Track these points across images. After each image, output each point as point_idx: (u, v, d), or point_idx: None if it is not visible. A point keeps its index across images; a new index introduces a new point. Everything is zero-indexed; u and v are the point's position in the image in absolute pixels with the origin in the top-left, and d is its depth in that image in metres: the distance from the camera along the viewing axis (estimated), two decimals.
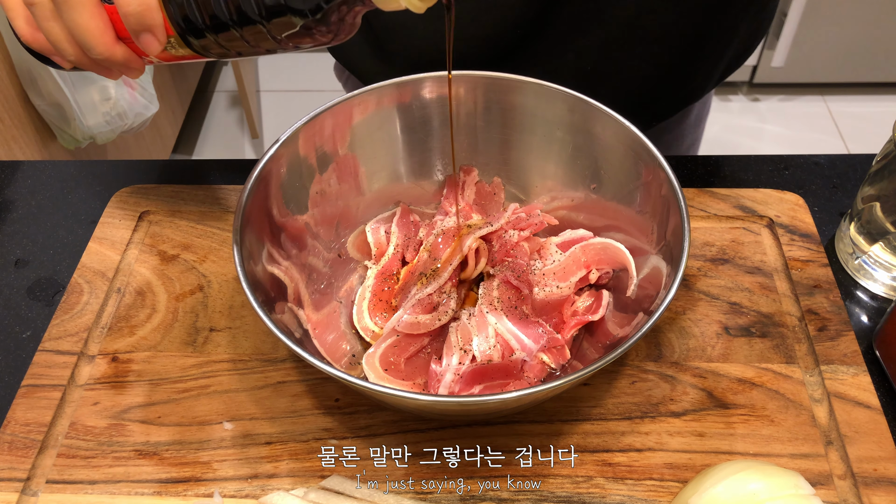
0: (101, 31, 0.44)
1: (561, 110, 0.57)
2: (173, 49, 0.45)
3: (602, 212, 0.57)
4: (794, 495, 0.41)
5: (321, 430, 0.51)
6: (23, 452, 0.50)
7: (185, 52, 0.45)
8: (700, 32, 0.66)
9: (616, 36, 0.64)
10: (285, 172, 0.54)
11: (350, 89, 0.84)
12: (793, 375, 0.54)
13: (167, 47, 0.44)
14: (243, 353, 0.56)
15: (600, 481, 0.49)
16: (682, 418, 0.51)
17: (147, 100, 1.35)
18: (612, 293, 0.55)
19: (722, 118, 2.05)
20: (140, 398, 0.53)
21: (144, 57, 0.47)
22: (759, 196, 0.65)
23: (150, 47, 0.43)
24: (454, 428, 0.51)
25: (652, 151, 0.52)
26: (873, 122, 2.02)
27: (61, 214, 0.68)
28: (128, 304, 0.59)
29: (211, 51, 0.44)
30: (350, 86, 0.84)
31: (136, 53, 0.46)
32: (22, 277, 0.62)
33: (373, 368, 0.51)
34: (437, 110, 0.59)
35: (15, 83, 1.20)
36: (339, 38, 0.43)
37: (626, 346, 0.42)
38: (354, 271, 0.60)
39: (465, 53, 0.66)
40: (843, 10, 1.88)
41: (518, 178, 0.62)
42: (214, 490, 0.48)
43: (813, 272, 0.60)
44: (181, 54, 0.45)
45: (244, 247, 0.48)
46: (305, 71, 2.27)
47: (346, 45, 0.74)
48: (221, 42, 0.43)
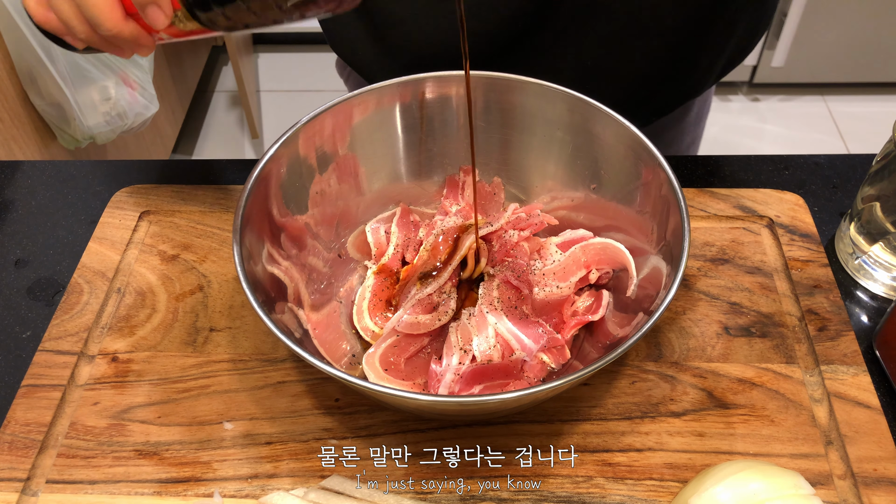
0: (109, 7, 0.45)
1: (561, 110, 0.57)
2: (181, 23, 0.45)
3: (602, 212, 0.57)
4: (794, 495, 0.41)
5: (321, 430, 0.51)
6: (23, 452, 0.50)
7: (193, 26, 0.45)
8: (701, 26, 0.66)
9: (617, 30, 0.64)
10: (285, 172, 0.54)
11: (352, 85, 0.85)
12: (793, 375, 0.54)
13: (174, 21, 0.45)
14: (243, 353, 0.56)
15: (600, 481, 0.49)
16: (682, 418, 0.51)
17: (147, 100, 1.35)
18: (612, 293, 0.55)
19: (722, 118, 2.05)
20: (140, 398, 0.53)
21: (154, 34, 0.48)
22: (759, 196, 0.65)
23: (157, 21, 0.44)
24: (454, 428, 0.51)
25: (652, 151, 0.52)
26: (873, 122, 2.02)
27: (61, 214, 0.68)
28: (128, 304, 0.59)
29: (218, 23, 0.44)
30: (352, 81, 0.84)
31: (146, 30, 0.47)
32: (22, 277, 0.63)
33: (373, 368, 0.51)
34: (437, 110, 0.59)
35: (15, 83, 1.20)
36: (343, 6, 0.43)
37: (626, 346, 0.42)
38: (354, 271, 0.60)
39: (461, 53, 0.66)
40: (843, 10, 1.88)
41: (518, 178, 0.62)
42: (214, 490, 0.48)
43: (813, 272, 0.60)
44: (189, 28, 0.46)
45: (244, 247, 0.48)
46: (305, 71, 2.27)
47: (347, 38, 0.74)
48: (227, 14, 0.43)
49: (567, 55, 0.66)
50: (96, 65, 1.24)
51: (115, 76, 1.27)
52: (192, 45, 1.99)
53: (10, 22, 1.11)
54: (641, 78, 0.69)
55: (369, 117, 0.58)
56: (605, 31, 0.64)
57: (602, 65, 0.67)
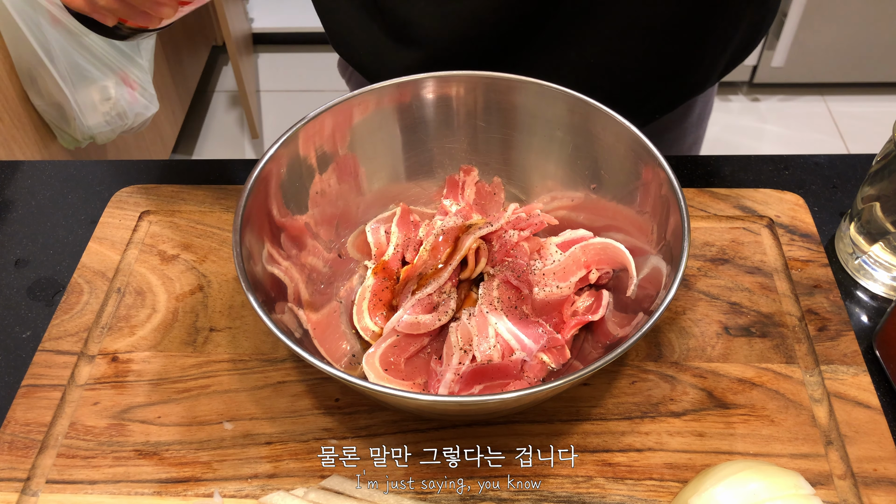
0: None
1: (561, 110, 0.57)
2: None
3: (602, 212, 0.57)
4: (794, 495, 0.41)
5: (321, 430, 0.51)
6: (23, 452, 0.50)
7: None
8: (702, 24, 0.66)
9: (618, 27, 0.64)
10: (285, 172, 0.54)
11: (353, 86, 0.84)
12: (793, 375, 0.54)
13: None
14: (243, 353, 0.56)
15: (600, 481, 0.48)
16: (682, 418, 0.51)
17: (147, 100, 1.35)
18: (612, 293, 0.55)
19: (722, 118, 2.05)
20: (140, 398, 0.53)
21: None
22: (759, 196, 0.65)
23: None
24: (454, 428, 0.51)
25: (652, 151, 0.51)
26: (873, 122, 2.02)
27: (61, 214, 0.68)
28: (128, 304, 0.59)
29: None
30: (354, 82, 0.84)
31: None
32: (22, 277, 0.62)
33: (373, 368, 0.51)
34: (438, 110, 0.59)
35: (15, 83, 1.20)
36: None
37: (626, 346, 0.42)
38: (354, 271, 0.60)
39: (467, 50, 0.66)
40: (843, 10, 1.88)
41: (518, 178, 0.62)
42: (214, 490, 0.48)
43: (813, 272, 0.60)
44: None
45: (244, 247, 0.48)
46: (305, 71, 2.27)
47: (349, 39, 0.74)
48: None
49: (568, 54, 0.66)
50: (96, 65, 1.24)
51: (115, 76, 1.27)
52: (192, 45, 1.99)
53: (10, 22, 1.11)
54: (644, 75, 0.69)
55: (369, 117, 0.58)
56: (606, 29, 0.64)
57: (604, 62, 0.67)
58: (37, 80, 1.19)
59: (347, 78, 0.86)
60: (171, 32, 1.78)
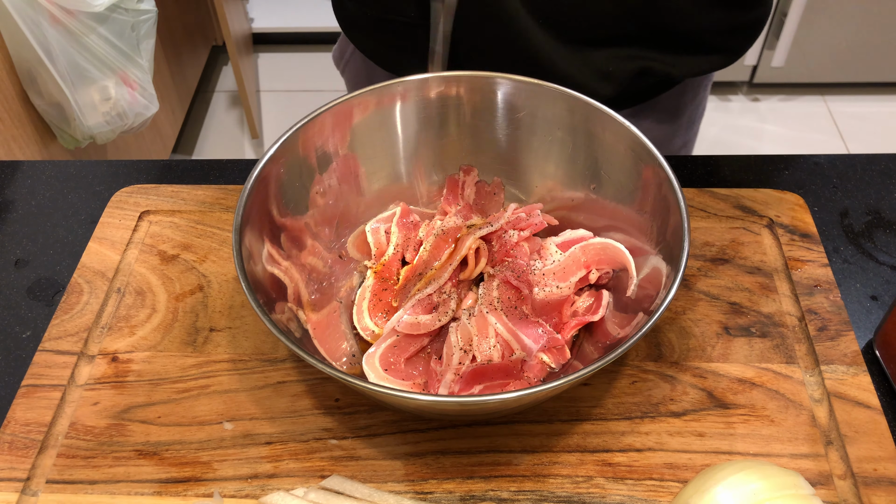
0: None
1: (561, 110, 0.57)
2: None
3: (602, 212, 0.57)
4: (794, 495, 0.41)
5: (321, 430, 0.51)
6: (23, 452, 0.50)
7: None
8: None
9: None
10: (285, 172, 0.54)
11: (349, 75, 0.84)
12: (793, 375, 0.54)
13: None
14: (243, 353, 0.56)
15: (600, 481, 0.49)
16: (682, 418, 0.51)
17: (147, 100, 1.35)
18: (612, 293, 0.55)
19: (722, 118, 2.05)
20: (140, 398, 0.53)
21: None
22: (759, 196, 0.65)
23: None
24: (454, 428, 0.51)
25: (652, 151, 0.51)
26: (873, 122, 2.02)
27: (61, 214, 0.68)
28: (128, 304, 0.59)
29: None
30: (349, 71, 0.83)
31: None
32: (22, 277, 0.63)
33: (373, 368, 0.51)
34: (438, 110, 0.59)
35: (15, 83, 1.20)
36: None
37: (626, 346, 0.42)
38: (354, 271, 0.60)
39: None
40: (843, 10, 1.88)
41: (518, 178, 0.62)
42: (214, 490, 0.48)
43: (813, 272, 0.60)
44: None
45: (244, 247, 0.48)
46: (305, 71, 2.27)
47: (375, 43, 0.73)
48: None
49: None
50: (96, 65, 1.24)
51: (115, 76, 1.27)
52: (192, 45, 1.99)
53: (10, 22, 1.11)
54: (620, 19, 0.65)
55: (369, 117, 0.58)
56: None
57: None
58: (37, 80, 1.19)
59: (342, 68, 0.85)
60: (171, 32, 1.78)
